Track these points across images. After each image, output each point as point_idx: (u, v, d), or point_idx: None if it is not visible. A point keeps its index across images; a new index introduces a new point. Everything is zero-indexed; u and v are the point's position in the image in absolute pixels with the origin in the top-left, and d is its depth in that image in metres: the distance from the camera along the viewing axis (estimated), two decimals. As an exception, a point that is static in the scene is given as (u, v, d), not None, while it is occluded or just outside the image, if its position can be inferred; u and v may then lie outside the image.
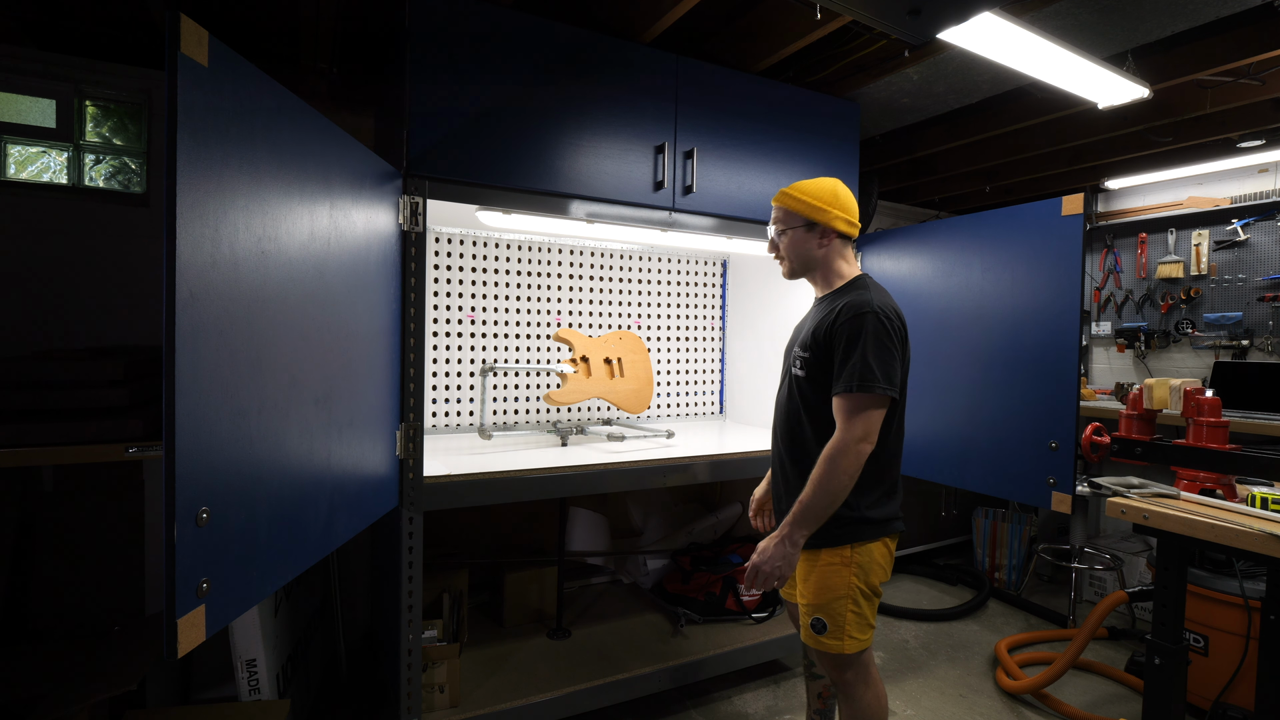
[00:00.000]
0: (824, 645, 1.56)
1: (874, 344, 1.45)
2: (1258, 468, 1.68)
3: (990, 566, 3.67)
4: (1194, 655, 2.32)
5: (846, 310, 1.50)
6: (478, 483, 1.82)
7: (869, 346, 1.45)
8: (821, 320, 1.57)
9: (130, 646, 1.73)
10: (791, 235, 1.64)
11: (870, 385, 1.43)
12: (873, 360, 1.44)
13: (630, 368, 2.58)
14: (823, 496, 1.45)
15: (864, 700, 1.59)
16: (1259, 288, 3.25)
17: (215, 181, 1.03)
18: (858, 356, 1.45)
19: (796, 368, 1.62)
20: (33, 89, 2.11)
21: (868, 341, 1.45)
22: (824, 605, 1.55)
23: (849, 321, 1.48)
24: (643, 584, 2.88)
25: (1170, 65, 2.24)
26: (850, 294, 1.56)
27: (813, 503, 1.46)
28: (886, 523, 1.57)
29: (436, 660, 1.89)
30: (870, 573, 1.54)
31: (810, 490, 1.47)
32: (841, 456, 1.44)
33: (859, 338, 1.46)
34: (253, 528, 1.15)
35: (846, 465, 1.44)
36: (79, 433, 1.46)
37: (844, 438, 1.45)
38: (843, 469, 1.44)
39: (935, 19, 1.63)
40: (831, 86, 2.44)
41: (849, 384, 1.45)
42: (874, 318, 1.47)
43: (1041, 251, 1.93)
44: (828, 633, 1.54)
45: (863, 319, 1.47)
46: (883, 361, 1.45)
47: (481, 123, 1.79)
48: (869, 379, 1.43)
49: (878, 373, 1.44)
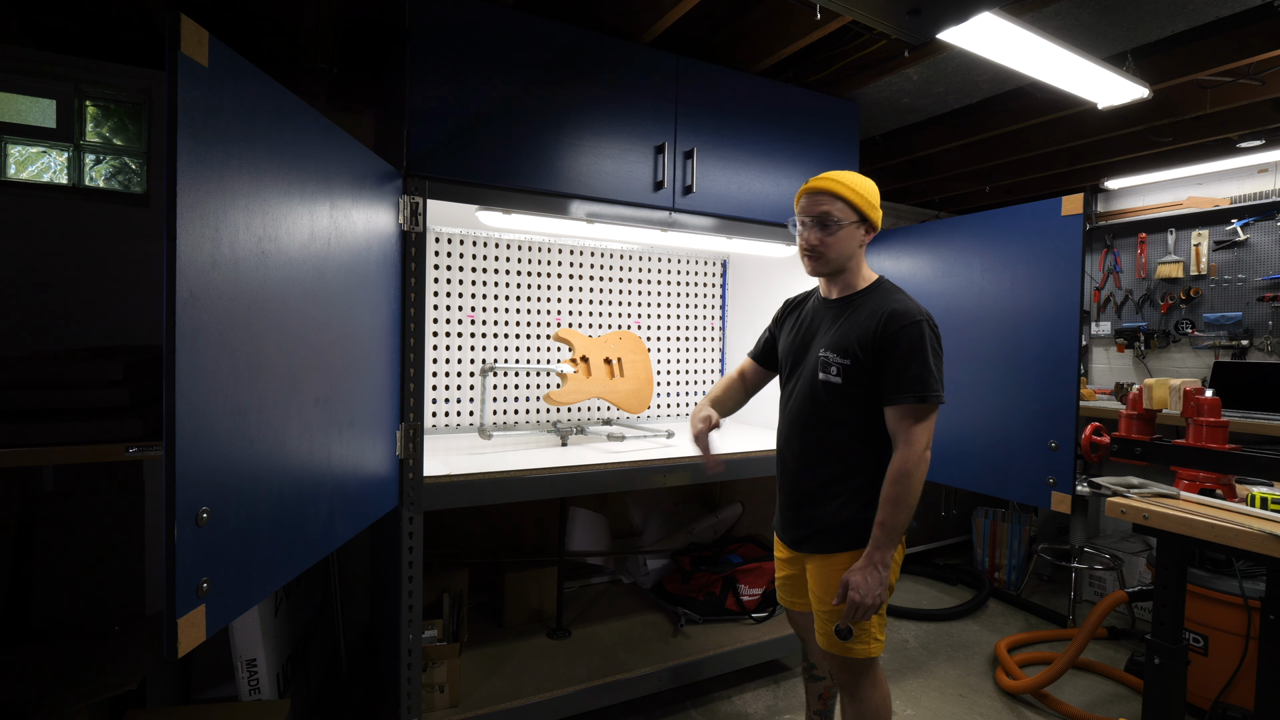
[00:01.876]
0: (852, 651, 1.52)
1: (931, 353, 1.45)
2: (1257, 468, 1.68)
3: (990, 566, 3.67)
4: (1194, 655, 2.32)
5: (898, 318, 1.46)
6: (478, 483, 1.82)
7: (928, 356, 1.44)
8: (859, 325, 1.50)
9: (130, 646, 1.73)
10: (844, 230, 1.53)
11: (934, 395, 1.43)
12: (933, 370, 1.44)
13: (630, 368, 2.58)
14: (904, 512, 1.44)
15: (871, 701, 1.57)
16: (1259, 288, 3.25)
17: (215, 181, 1.03)
18: (918, 366, 1.43)
19: (831, 374, 1.52)
20: (33, 89, 2.11)
21: (926, 351, 1.44)
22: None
23: (905, 329, 1.45)
24: (643, 584, 2.88)
25: (1170, 65, 2.24)
26: (885, 299, 1.52)
27: (896, 522, 1.44)
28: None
29: (436, 660, 1.89)
30: (892, 576, 1.51)
31: (890, 510, 1.44)
32: (916, 469, 1.43)
33: (918, 347, 1.44)
34: (253, 527, 1.15)
35: (920, 477, 1.44)
36: (79, 433, 1.45)
37: (915, 450, 1.43)
38: (917, 480, 1.44)
39: (935, 19, 1.63)
40: (831, 86, 2.45)
41: (914, 394, 1.43)
42: (929, 326, 1.47)
43: (1041, 251, 1.93)
44: (856, 638, 1.50)
45: (920, 327, 1.45)
46: (938, 370, 1.46)
47: (481, 123, 1.79)
48: (933, 388, 1.43)
49: (936, 383, 1.44)
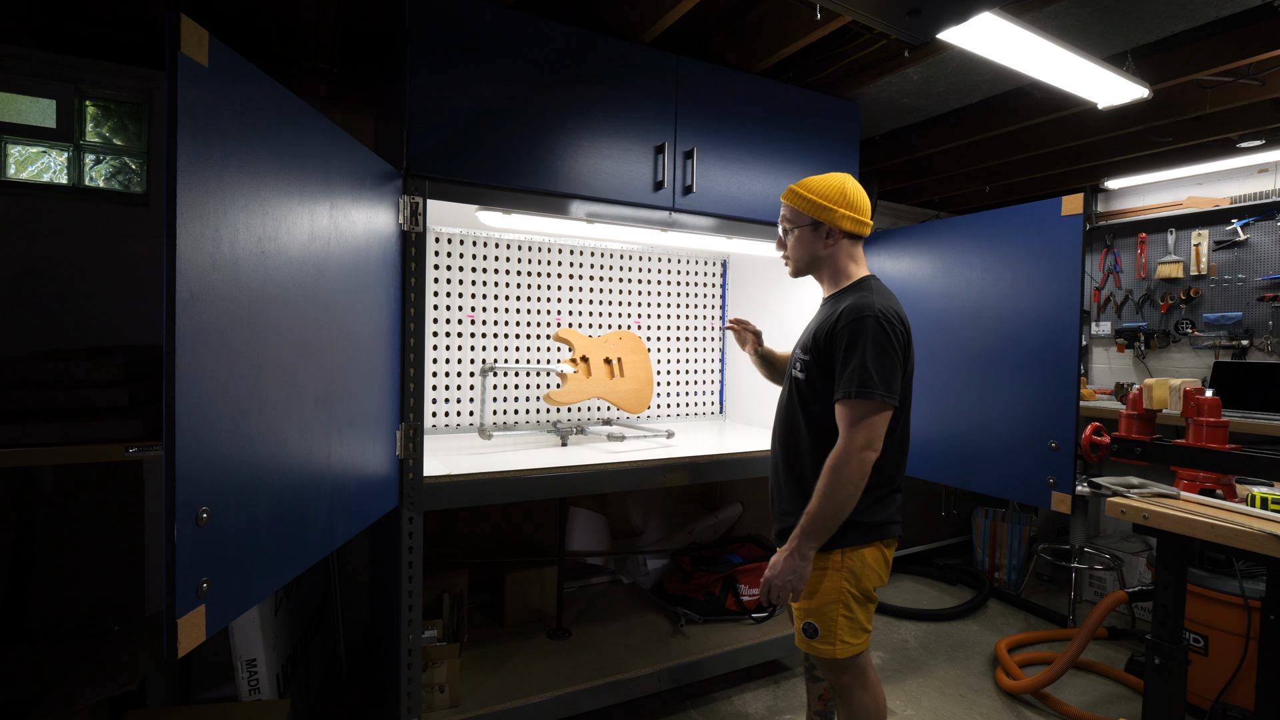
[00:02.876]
0: (815, 650, 1.54)
1: (874, 349, 1.41)
2: (1258, 468, 1.68)
3: (990, 566, 3.67)
4: (1194, 655, 2.32)
5: (847, 313, 1.46)
6: (478, 483, 1.82)
7: (869, 351, 1.41)
8: (823, 322, 1.53)
9: (130, 646, 1.73)
10: (798, 234, 1.60)
11: (869, 391, 1.39)
12: (872, 366, 1.40)
13: (630, 368, 2.58)
14: (829, 507, 1.42)
15: (861, 704, 1.58)
16: (1259, 288, 3.25)
17: (215, 181, 1.03)
18: (856, 361, 1.41)
19: (796, 370, 1.59)
20: (33, 89, 2.11)
21: (868, 346, 1.41)
22: (815, 609, 1.53)
23: (850, 325, 1.44)
24: (643, 584, 2.88)
25: (1170, 65, 2.24)
26: (853, 296, 1.52)
27: (819, 514, 1.43)
28: (880, 527, 1.53)
29: (436, 660, 1.89)
30: (862, 577, 1.51)
31: (816, 501, 1.44)
32: (844, 465, 1.41)
33: (858, 342, 1.42)
34: (253, 527, 1.15)
35: (850, 474, 1.41)
36: (79, 433, 1.45)
37: (846, 446, 1.41)
38: (846, 478, 1.41)
39: (935, 19, 1.63)
40: (831, 86, 2.45)
41: (848, 390, 1.41)
42: (874, 321, 1.43)
43: (1041, 251, 1.93)
44: (819, 637, 1.52)
45: (863, 322, 1.43)
46: (882, 367, 1.41)
47: (481, 123, 1.79)
48: (868, 385, 1.40)
49: (877, 379, 1.40)
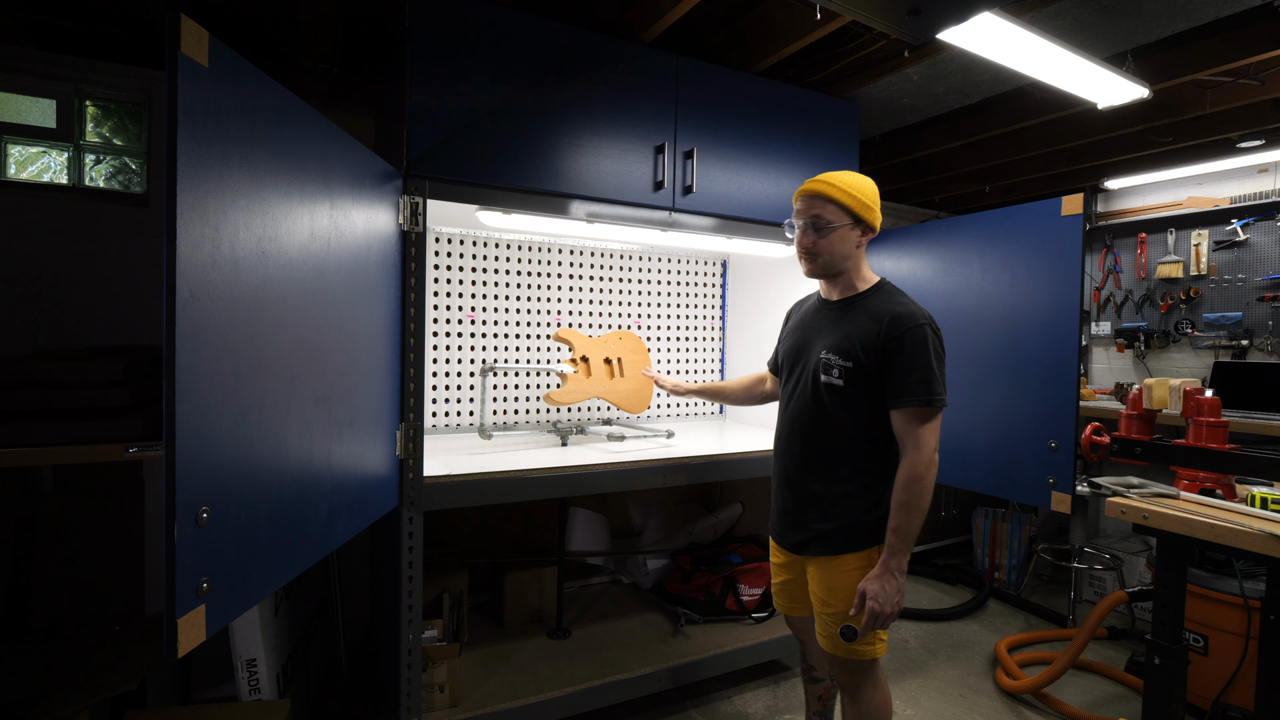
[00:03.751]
0: (856, 653, 1.52)
1: (934, 357, 1.45)
2: (1257, 468, 1.68)
3: (990, 566, 3.67)
4: (1194, 655, 2.32)
5: (901, 321, 1.46)
6: (478, 483, 1.82)
7: (931, 359, 1.45)
8: (861, 327, 1.51)
9: (130, 646, 1.73)
10: (839, 232, 1.53)
11: (938, 398, 1.44)
12: (935, 374, 1.45)
13: (630, 368, 2.58)
14: (918, 517, 1.44)
15: (872, 703, 1.57)
16: (1259, 288, 3.25)
17: (215, 181, 1.03)
18: (923, 369, 1.44)
19: (832, 376, 1.52)
20: (33, 89, 2.11)
21: (929, 354, 1.45)
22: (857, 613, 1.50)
23: (909, 332, 1.45)
24: (643, 584, 2.88)
25: (1170, 65, 2.24)
26: (888, 301, 1.52)
27: (910, 528, 1.44)
28: None
29: (436, 660, 1.89)
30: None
31: (904, 516, 1.44)
32: (927, 472, 1.43)
33: (922, 351, 1.44)
34: (253, 527, 1.15)
35: (932, 479, 1.44)
36: (79, 433, 1.45)
37: (925, 454, 1.44)
38: (929, 484, 1.44)
39: (935, 19, 1.63)
40: (831, 86, 2.45)
41: (920, 398, 1.43)
42: (932, 330, 1.47)
43: (1041, 251, 1.93)
44: (859, 639, 1.49)
45: (923, 330, 1.45)
46: (941, 374, 1.47)
47: (481, 123, 1.79)
48: (937, 391, 1.44)
49: (939, 387, 1.45)
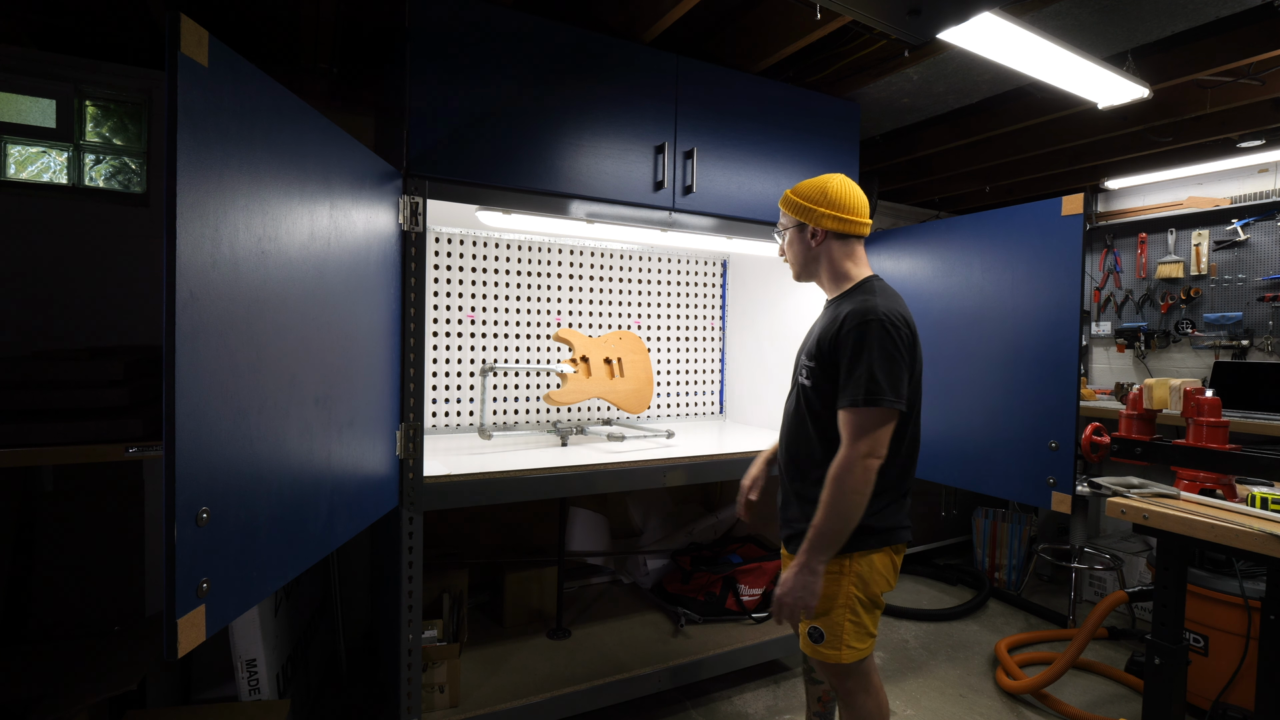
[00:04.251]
0: (822, 655, 1.52)
1: (880, 354, 1.38)
2: (1258, 468, 1.68)
3: (990, 566, 3.67)
4: (1194, 655, 2.32)
5: (851, 318, 1.42)
6: (478, 483, 1.82)
7: (875, 357, 1.38)
8: (826, 327, 1.50)
9: (130, 646, 1.73)
10: (789, 236, 1.63)
11: (877, 399, 1.36)
12: (879, 372, 1.37)
13: (630, 368, 2.58)
14: (835, 519, 1.39)
15: (865, 708, 1.56)
16: (1259, 288, 3.25)
17: (215, 181, 1.03)
18: (863, 368, 1.38)
19: (803, 377, 1.55)
20: (33, 89, 2.11)
21: (873, 352, 1.38)
22: (822, 614, 1.50)
23: (854, 330, 1.41)
24: (643, 584, 2.88)
25: (1170, 65, 2.24)
26: (855, 299, 1.49)
27: (826, 526, 1.39)
28: (889, 532, 1.50)
29: (436, 660, 1.89)
30: (870, 582, 1.49)
31: (821, 514, 1.40)
32: (848, 474, 1.38)
33: (863, 348, 1.39)
34: (253, 527, 1.15)
35: (854, 483, 1.38)
36: (79, 433, 1.45)
37: (849, 454, 1.38)
38: (851, 487, 1.38)
39: (935, 19, 1.63)
40: (831, 86, 2.44)
41: (854, 397, 1.38)
42: (879, 326, 1.39)
43: (1041, 251, 1.92)
44: (825, 642, 1.50)
45: (867, 327, 1.39)
46: (889, 373, 1.38)
47: (481, 123, 1.79)
48: (876, 392, 1.36)
49: (884, 385, 1.37)
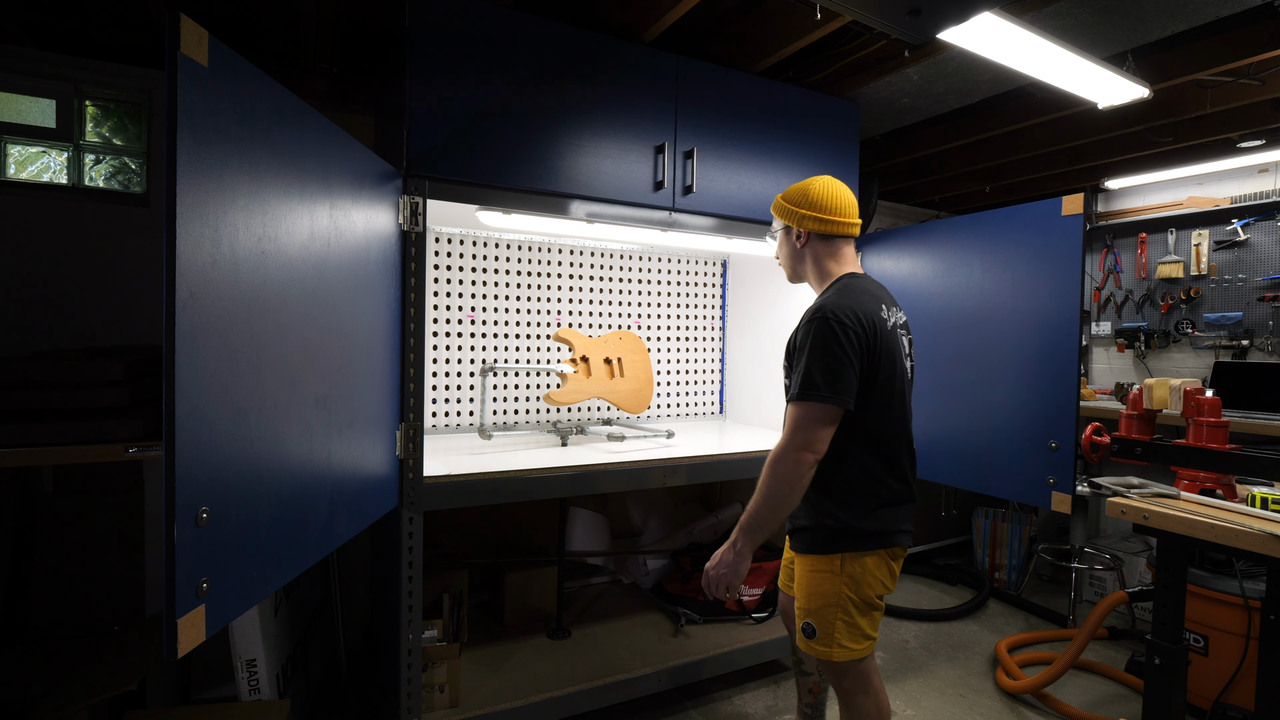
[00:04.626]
0: (814, 651, 1.54)
1: (819, 350, 1.41)
2: (1258, 468, 1.68)
3: (990, 566, 3.67)
4: (1194, 655, 2.32)
5: (805, 315, 1.49)
6: (478, 483, 1.82)
7: (814, 353, 1.42)
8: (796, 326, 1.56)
9: (130, 646, 1.73)
10: (778, 239, 1.71)
11: (809, 393, 1.40)
12: (814, 367, 1.41)
13: (630, 368, 2.58)
14: (764, 504, 1.43)
15: (864, 709, 1.57)
16: (1259, 288, 3.25)
17: (215, 181, 1.03)
18: (803, 363, 1.43)
19: (785, 375, 1.60)
20: (33, 89, 2.11)
21: (813, 347, 1.42)
22: (814, 610, 1.53)
23: (803, 326, 1.48)
24: (643, 584, 2.88)
25: (1170, 65, 2.24)
26: (820, 297, 1.56)
27: (756, 510, 1.44)
28: (883, 535, 1.50)
29: (436, 660, 1.89)
30: (862, 584, 1.49)
31: (754, 498, 1.45)
32: (779, 463, 1.42)
33: (806, 342, 1.44)
34: (253, 527, 1.15)
35: (783, 473, 1.41)
36: (79, 433, 1.45)
37: (783, 445, 1.42)
38: (780, 476, 1.41)
39: (935, 19, 1.63)
40: (831, 86, 2.44)
41: (792, 391, 1.44)
42: (821, 322, 1.43)
43: (1041, 251, 1.92)
44: (817, 638, 1.53)
45: (811, 324, 1.44)
46: (827, 368, 1.40)
47: (481, 123, 1.79)
48: (809, 387, 1.40)
49: (819, 380, 1.39)
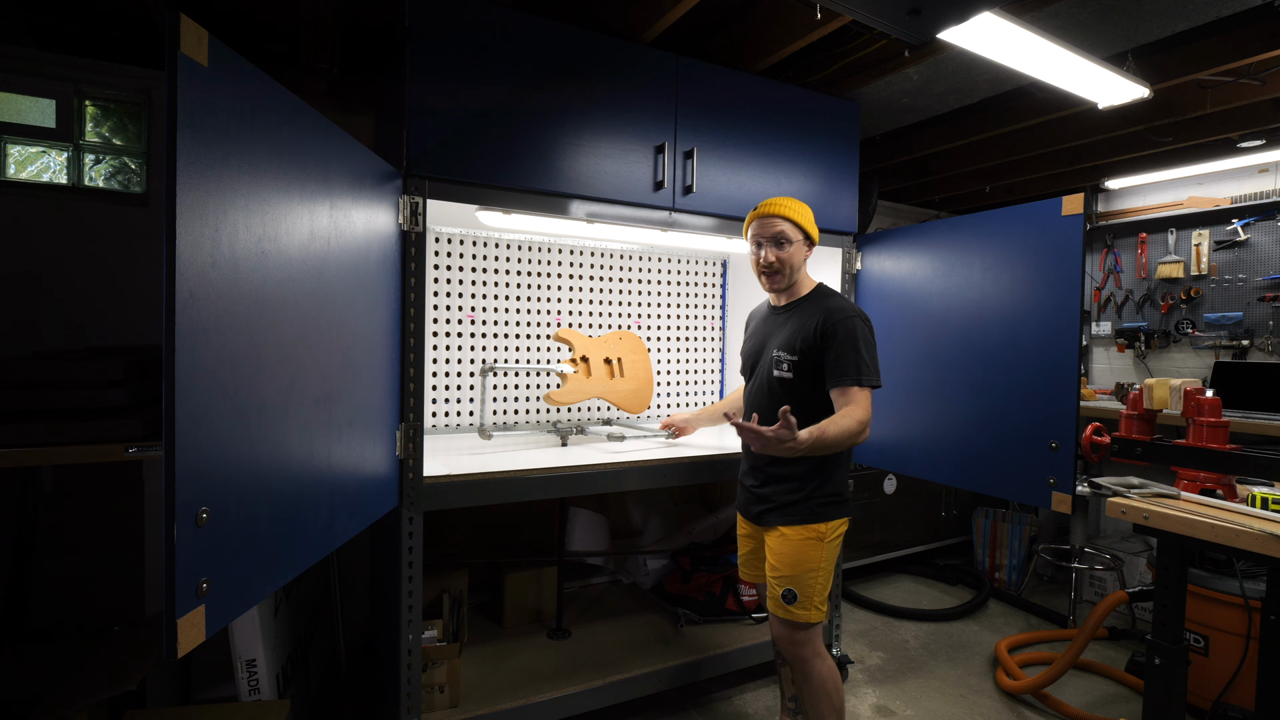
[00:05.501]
0: (792, 614, 1.70)
1: (864, 344, 1.68)
2: (1258, 468, 1.68)
3: (990, 566, 3.67)
4: (1194, 655, 2.32)
5: (837, 314, 1.70)
6: (478, 483, 1.82)
7: (860, 346, 1.67)
8: (804, 325, 1.73)
9: (130, 646, 1.73)
10: (795, 249, 1.79)
11: (868, 379, 1.66)
12: (866, 358, 1.67)
13: (630, 367, 2.58)
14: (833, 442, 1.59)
15: (820, 673, 1.72)
16: (1259, 288, 3.25)
17: (215, 181, 1.03)
18: (855, 355, 1.66)
19: (783, 370, 1.76)
20: (33, 89, 2.10)
21: (863, 342, 1.68)
22: (797, 577, 1.70)
23: (843, 324, 1.68)
24: (643, 584, 2.88)
25: (1170, 65, 2.24)
26: (827, 301, 1.76)
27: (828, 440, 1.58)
28: (848, 503, 1.79)
29: (436, 660, 1.89)
30: (836, 549, 1.76)
31: (832, 432, 1.58)
32: (861, 428, 1.61)
33: (856, 339, 1.67)
34: (253, 528, 1.15)
35: (855, 433, 1.61)
36: (79, 433, 1.45)
37: (862, 419, 1.62)
38: (849, 435, 1.60)
39: (935, 19, 1.63)
40: (831, 86, 2.44)
41: (856, 378, 1.64)
42: (860, 321, 1.70)
43: (1041, 251, 1.92)
44: (798, 603, 1.69)
45: (855, 322, 1.68)
46: (872, 359, 1.70)
47: (481, 123, 1.79)
48: (866, 373, 1.66)
49: (872, 369, 1.68)
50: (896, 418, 2.35)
